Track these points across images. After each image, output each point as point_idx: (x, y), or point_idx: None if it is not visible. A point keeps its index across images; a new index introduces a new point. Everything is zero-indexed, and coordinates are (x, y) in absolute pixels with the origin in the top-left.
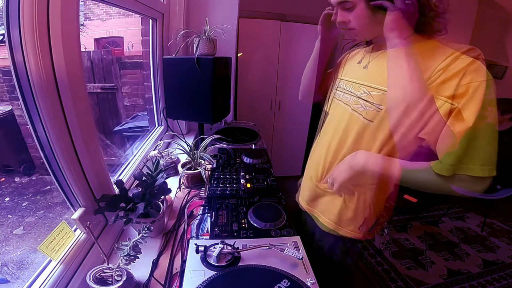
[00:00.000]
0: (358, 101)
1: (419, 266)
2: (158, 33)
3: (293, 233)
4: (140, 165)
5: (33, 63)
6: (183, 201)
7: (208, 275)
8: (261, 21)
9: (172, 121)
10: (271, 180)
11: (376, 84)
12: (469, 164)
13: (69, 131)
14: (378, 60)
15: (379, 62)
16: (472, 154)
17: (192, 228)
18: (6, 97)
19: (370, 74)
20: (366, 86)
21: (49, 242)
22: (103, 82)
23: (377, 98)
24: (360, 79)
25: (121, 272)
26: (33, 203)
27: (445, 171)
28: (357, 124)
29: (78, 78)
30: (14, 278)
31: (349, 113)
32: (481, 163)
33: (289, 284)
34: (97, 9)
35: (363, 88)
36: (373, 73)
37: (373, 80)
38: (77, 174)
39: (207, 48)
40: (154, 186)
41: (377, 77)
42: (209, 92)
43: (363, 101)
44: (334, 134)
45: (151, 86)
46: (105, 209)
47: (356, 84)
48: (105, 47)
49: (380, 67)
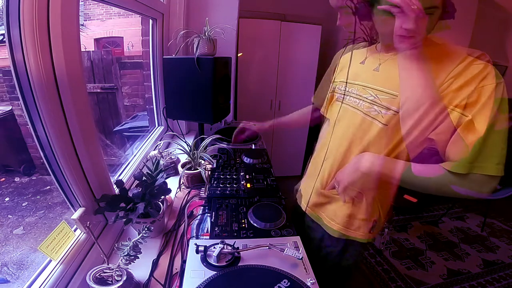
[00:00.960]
0: (372, 105)
1: (419, 266)
2: (158, 33)
3: (293, 233)
4: (140, 165)
5: (33, 63)
6: (183, 201)
7: (208, 275)
8: (261, 21)
9: (172, 121)
10: (271, 180)
11: (386, 88)
12: (486, 163)
13: (69, 131)
14: (390, 63)
15: (392, 65)
16: (487, 152)
17: (192, 228)
18: (6, 97)
19: (381, 78)
20: (374, 90)
21: (49, 242)
22: (103, 82)
23: (385, 102)
24: (370, 82)
25: (121, 272)
26: (33, 203)
27: (462, 168)
28: (370, 128)
29: (78, 78)
30: (14, 278)
31: (360, 117)
32: (497, 161)
33: (289, 284)
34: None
35: (370, 91)
36: (385, 76)
37: (384, 84)
38: (77, 174)
39: (207, 48)
40: (154, 186)
41: (389, 81)
42: (209, 92)
43: (375, 105)
44: (342, 139)
45: (151, 86)
46: (105, 209)
47: (363, 87)
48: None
49: (392, 70)
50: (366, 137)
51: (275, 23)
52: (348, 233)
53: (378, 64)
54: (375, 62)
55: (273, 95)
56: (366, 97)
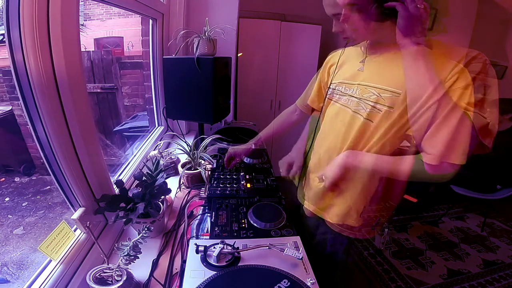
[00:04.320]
0: (359, 102)
1: (419, 266)
2: (158, 33)
3: (293, 233)
4: (140, 165)
5: (33, 63)
6: (183, 201)
7: (208, 275)
8: (261, 21)
9: (172, 121)
10: (271, 180)
11: (386, 86)
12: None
13: (69, 131)
14: (379, 62)
15: (384, 64)
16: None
17: (192, 228)
18: (6, 97)
19: (375, 75)
20: (377, 88)
21: (49, 242)
22: (103, 82)
23: (388, 101)
24: (365, 80)
25: (121, 272)
26: (33, 203)
27: (434, 160)
28: (358, 125)
29: (78, 78)
30: (14, 278)
31: (350, 115)
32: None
33: (289, 284)
34: (97, 9)
35: (373, 90)
36: (376, 73)
37: (383, 82)
38: (77, 174)
39: (207, 48)
40: (154, 186)
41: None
42: (209, 92)
43: (368, 102)
44: (336, 136)
45: (151, 86)
46: (105, 209)
47: (360, 86)
48: (105, 47)
49: (386, 68)
50: (354, 133)
51: (275, 23)
52: (343, 221)
53: (364, 63)
54: (369, 62)
55: (273, 95)
56: (365, 96)
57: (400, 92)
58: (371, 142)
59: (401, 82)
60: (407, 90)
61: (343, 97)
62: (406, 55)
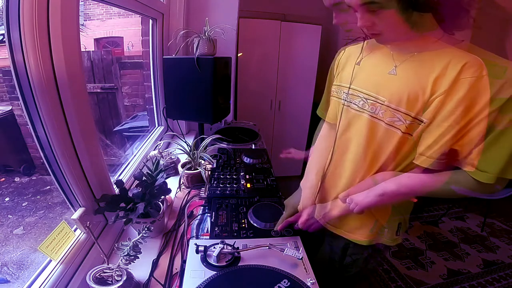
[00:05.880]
0: (394, 113)
1: (419, 266)
2: (158, 33)
3: (293, 233)
4: (140, 165)
5: (33, 63)
6: (183, 201)
7: (208, 275)
8: (261, 21)
9: (172, 121)
10: (271, 180)
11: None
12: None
13: (69, 131)
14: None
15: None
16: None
17: (192, 228)
18: (6, 97)
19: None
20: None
21: (49, 242)
22: (103, 82)
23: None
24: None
25: (121, 272)
26: (33, 203)
27: (491, 179)
28: (393, 138)
29: (78, 78)
30: (14, 278)
31: (383, 128)
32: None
33: (289, 284)
34: (97, 9)
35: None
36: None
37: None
38: (77, 174)
39: (207, 48)
40: (154, 186)
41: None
42: (209, 92)
43: (398, 112)
44: (363, 149)
45: (151, 86)
46: (105, 209)
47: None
48: (105, 47)
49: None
50: (389, 147)
51: (275, 23)
52: (375, 240)
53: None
54: (393, 64)
55: (273, 95)
56: (392, 105)
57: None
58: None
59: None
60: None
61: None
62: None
